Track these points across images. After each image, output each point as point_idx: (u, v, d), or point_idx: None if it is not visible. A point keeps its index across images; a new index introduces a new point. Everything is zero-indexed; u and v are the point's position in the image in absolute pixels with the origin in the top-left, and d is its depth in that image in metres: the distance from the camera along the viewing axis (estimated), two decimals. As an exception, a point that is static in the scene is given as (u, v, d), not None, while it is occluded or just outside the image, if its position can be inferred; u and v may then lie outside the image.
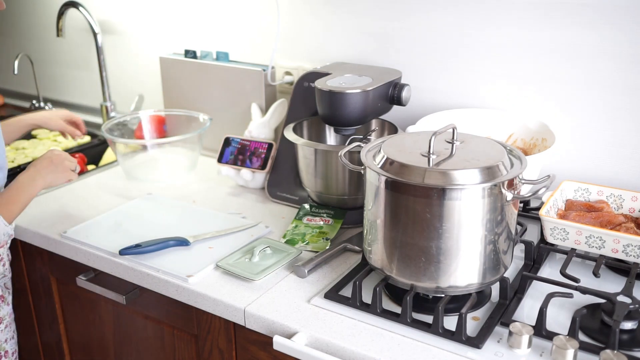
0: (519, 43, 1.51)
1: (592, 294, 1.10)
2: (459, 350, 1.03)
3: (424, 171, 1.04)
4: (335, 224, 1.44)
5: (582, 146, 1.51)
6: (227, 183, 1.73)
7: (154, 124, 1.91)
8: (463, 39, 1.58)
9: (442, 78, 1.64)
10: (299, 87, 1.59)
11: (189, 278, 1.26)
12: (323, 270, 1.29)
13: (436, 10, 1.59)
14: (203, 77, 1.88)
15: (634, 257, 1.18)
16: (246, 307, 1.18)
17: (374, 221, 1.13)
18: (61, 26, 2.15)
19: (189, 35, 2.04)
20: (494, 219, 1.06)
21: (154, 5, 2.09)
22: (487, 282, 1.11)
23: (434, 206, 1.03)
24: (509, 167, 1.08)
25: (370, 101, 1.42)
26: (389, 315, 1.12)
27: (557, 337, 0.99)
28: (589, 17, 1.41)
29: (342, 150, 1.22)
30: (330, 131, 1.63)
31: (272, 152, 1.66)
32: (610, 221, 1.27)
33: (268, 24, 1.85)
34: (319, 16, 1.76)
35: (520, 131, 1.52)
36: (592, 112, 1.47)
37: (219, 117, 1.86)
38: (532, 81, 1.52)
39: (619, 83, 1.42)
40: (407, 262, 1.09)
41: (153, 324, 1.42)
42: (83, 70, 2.39)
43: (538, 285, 1.20)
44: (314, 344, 1.09)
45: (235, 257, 1.32)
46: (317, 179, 1.47)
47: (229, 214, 1.53)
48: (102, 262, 1.38)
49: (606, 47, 1.41)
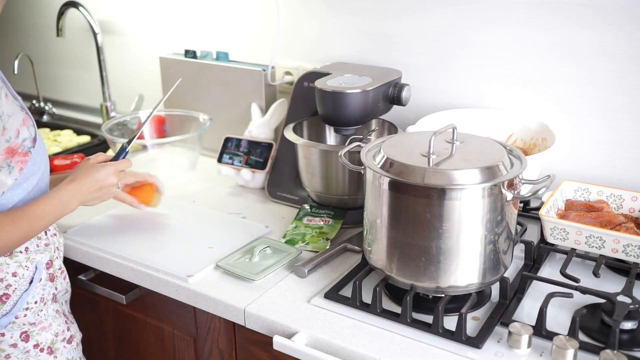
0: (519, 43, 1.51)
1: (592, 294, 1.10)
2: (459, 350, 1.03)
3: (424, 171, 1.04)
4: (335, 224, 1.44)
5: (582, 146, 1.51)
6: (227, 183, 1.73)
7: (154, 124, 1.91)
8: (463, 39, 1.58)
9: (442, 78, 1.64)
10: (299, 87, 1.59)
11: (189, 278, 1.26)
12: (323, 270, 1.29)
13: (436, 10, 1.59)
14: (203, 77, 1.88)
15: (634, 257, 1.18)
16: (246, 307, 1.18)
17: (374, 221, 1.13)
18: (61, 26, 2.15)
19: (189, 35, 2.04)
20: (494, 219, 1.06)
21: (154, 5, 2.09)
22: (487, 282, 1.11)
23: (434, 206, 1.03)
24: (509, 167, 1.08)
25: (370, 101, 1.42)
26: (389, 315, 1.12)
27: (557, 337, 0.99)
28: (589, 17, 1.41)
29: (342, 150, 1.22)
30: (330, 131, 1.63)
31: (272, 152, 1.66)
32: (610, 221, 1.27)
33: (268, 23, 1.84)
34: (319, 16, 1.76)
35: (520, 131, 1.52)
36: (592, 112, 1.47)
37: (219, 117, 1.86)
38: (532, 81, 1.52)
39: (618, 83, 1.42)
40: (407, 262, 1.09)
41: (153, 324, 1.42)
42: (83, 70, 2.39)
43: (538, 285, 1.20)
44: (314, 344, 1.09)
45: (235, 257, 1.32)
46: (317, 179, 1.47)
47: (228, 214, 1.53)
48: (102, 262, 1.38)
49: (606, 47, 1.41)
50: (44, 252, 1.23)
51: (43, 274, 1.23)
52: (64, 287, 1.32)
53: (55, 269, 1.27)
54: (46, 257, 1.24)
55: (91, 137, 2.21)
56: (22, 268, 1.20)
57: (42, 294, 1.23)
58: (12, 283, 1.19)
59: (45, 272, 1.24)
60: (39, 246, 1.24)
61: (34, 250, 1.22)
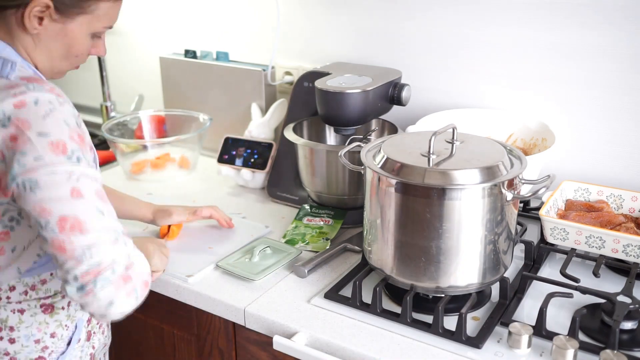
0: (519, 43, 1.51)
1: (592, 294, 1.10)
2: (459, 350, 1.03)
3: (424, 171, 1.04)
4: (335, 224, 1.44)
5: (582, 146, 1.51)
6: (227, 183, 1.73)
7: (154, 124, 1.91)
8: (463, 39, 1.58)
9: (442, 78, 1.64)
10: (299, 87, 1.59)
11: (188, 278, 1.26)
12: (323, 270, 1.29)
13: (436, 10, 1.59)
14: (203, 77, 1.88)
15: (634, 257, 1.18)
16: (246, 307, 1.18)
17: (374, 221, 1.13)
18: (61, 26, 2.15)
19: (189, 35, 2.04)
20: (494, 219, 1.06)
21: (154, 5, 2.09)
22: (487, 282, 1.11)
23: (434, 206, 1.03)
24: (509, 167, 1.08)
25: (370, 101, 1.42)
26: (389, 315, 1.12)
27: (557, 337, 0.99)
28: (589, 17, 1.41)
29: (342, 150, 1.22)
30: (330, 131, 1.63)
31: (272, 152, 1.66)
32: (610, 221, 1.27)
33: (268, 23, 1.84)
34: (319, 16, 1.76)
35: (520, 131, 1.52)
36: (592, 112, 1.47)
37: (219, 117, 1.86)
38: (532, 81, 1.52)
39: (618, 83, 1.42)
40: (407, 262, 1.09)
41: (153, 324, 1.42)
42: (83, 70, 2.38)
43: (538, 285, 1.20)
44: (314, 344, 1.09)
45: (235, 257, 1.32)
46: (317, 179, 1.47)
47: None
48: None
49: (606, 47, 1.41)
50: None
51: (82, 333, 1.14)
52: (102, 343, 1.22)
53: (94, 324, 1.18)
54: (86, 313, 1.13)
55: (91, 137, 2.21)
56: (62, 328, 1.10)
57: (79, 356, 1.14)
58: (50, 345, 1.09)
59: (84, 330, 1.14)
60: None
61: (75, 305, 1.11)
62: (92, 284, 0.91)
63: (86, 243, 0.91)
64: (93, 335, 1.18)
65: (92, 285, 0.91)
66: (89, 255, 0.91)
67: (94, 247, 0.91)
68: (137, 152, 1.79)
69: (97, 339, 1.20)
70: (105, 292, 0.92)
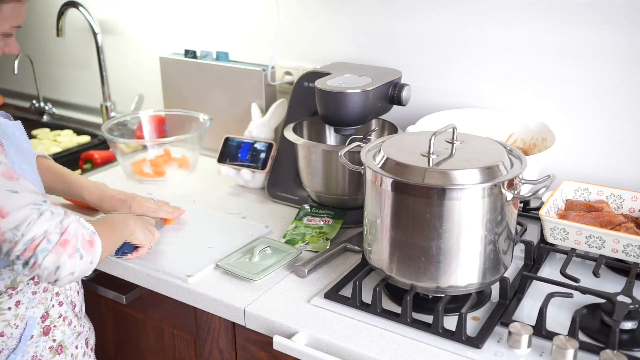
0: (519, 43, 1.51)
1: (592, 294, 1.10)
2: (459, 350, 1.03)
3: (424, 171, 1.04)
4: (335, 224, 1.44)
5: (582, 146, 1.51)
6: (227, 183, 1.73)
7: (154, 124, 1.91)
8: (463, 39, 1.58)
9: (442, 78, 1.64)
10: (299, 87, 1.59)
11: (188, 278, 1.26)
12: (323, 270, 1.29)
13: (436, 10, 1.59)
14: (203, 77, 1.88)
15: (634, 257, 1.18)
16: (246, 307, 1.18)
17: (374, 221, 1.13)
18: (61, 26, 2.15)
19: (189, 35, 2.04)
20: (494, 219, 1.06)
21: (154, 5, 2.09)
22: (487, 282, 1.11)
23: (434, 206, 1.03)
24: (509, 167, 1.08)
25: (370, 101, 1.42)
26: (389, 315, 1.12)
27: (557, 337, 0.99)
28: (589, 17, 1.41)
29: (342, 150, 1.22)
30: (330, 131, 1.63)
31: (272, 152, 1.66)
32: (610, 221, 1.27)
33: (268, 23, 1.84)
34: (319, 16, 1.76)
35: (520, 131, 1.52)
36: (592, 112, 1.47)
37: (219, 117, 1.86)
38: (532, 81, 1.52)
39: (618, 83, 1.42)
40: (407, 262, 1.09)
41: (153, 324, 1.42)
42: (83, 70, 2.39)
43: (538, 285, 1.20)
44: (314, 344, 1.09)
45: (235, 257, 1.32)
46: (317, 179, 1.47)
47: (228, 214, 1.53)
48: (103, 262, 1.38)
49: (606, 47, 1.41)
50: (37, 306, 1.16)
51: (35, 330, 1.16)
52: (72, 333, 1.23)
53: (54, 318, 1.19)
54: (40, 310, 1.16)
55: (91, 137, 2.21)
56: (11, 327, 1.13)
57: (34, 351, 1.16)
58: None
59: (38, 327, 1.16)
60: (36, 293, 1.16)
61: (26, 303, 1.15)
62: (34, 257, 0.98)
63: (12, 225, 0.97)
64: (54, 329, 1.20)
65: (34, 259, 0.98)
66: (20, 235, 0.97)
67: (22, 226, 0.97)
68: (137, 152, 1.79)
69: (61, 331, 1.21)
70: (48, 260, 0.99)
